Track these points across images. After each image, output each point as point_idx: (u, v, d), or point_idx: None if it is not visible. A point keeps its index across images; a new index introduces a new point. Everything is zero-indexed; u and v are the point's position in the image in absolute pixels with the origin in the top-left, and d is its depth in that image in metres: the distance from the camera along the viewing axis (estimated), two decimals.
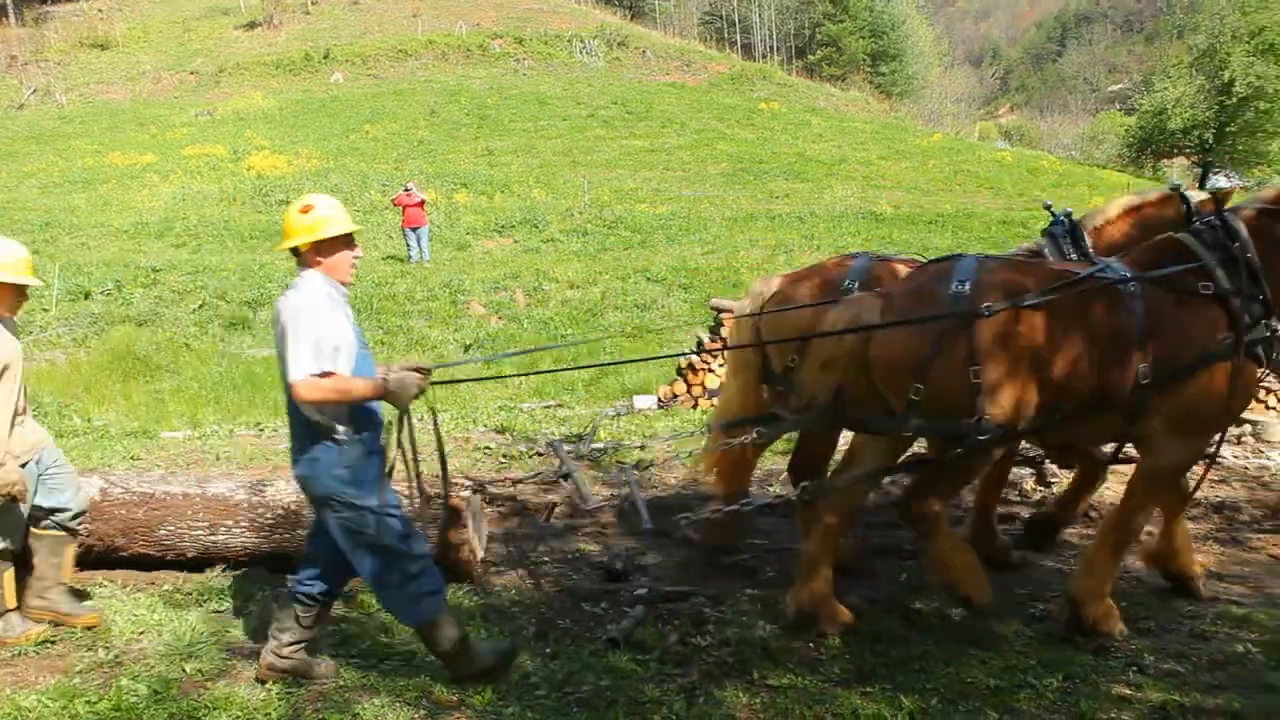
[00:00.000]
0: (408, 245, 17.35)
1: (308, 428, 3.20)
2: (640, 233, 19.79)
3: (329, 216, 3.29)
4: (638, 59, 52.55)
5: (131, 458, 7.02)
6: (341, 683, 3.56)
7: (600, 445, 6.97)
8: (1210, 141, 43.44)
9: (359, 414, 3.24)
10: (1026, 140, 68.22)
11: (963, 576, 3.96)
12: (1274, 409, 7.55)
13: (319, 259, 3.29)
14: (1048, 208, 4.89)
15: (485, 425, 8.13)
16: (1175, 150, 46.74)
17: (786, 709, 3.31)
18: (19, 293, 3.86)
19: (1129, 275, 3.73)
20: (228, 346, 12.75)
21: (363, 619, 4.19)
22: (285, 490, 4.76)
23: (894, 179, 30.86)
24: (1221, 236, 3.76)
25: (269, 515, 4.69)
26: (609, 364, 9.69)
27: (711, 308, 10.05)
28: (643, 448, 6.89)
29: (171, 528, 4.66)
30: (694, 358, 9.22)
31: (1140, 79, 58.43)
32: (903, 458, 4.24)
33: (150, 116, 37.79)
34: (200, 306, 14.02)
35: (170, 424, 8.88)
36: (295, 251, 3.29)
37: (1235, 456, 5.91)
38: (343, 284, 3.36)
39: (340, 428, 3.18)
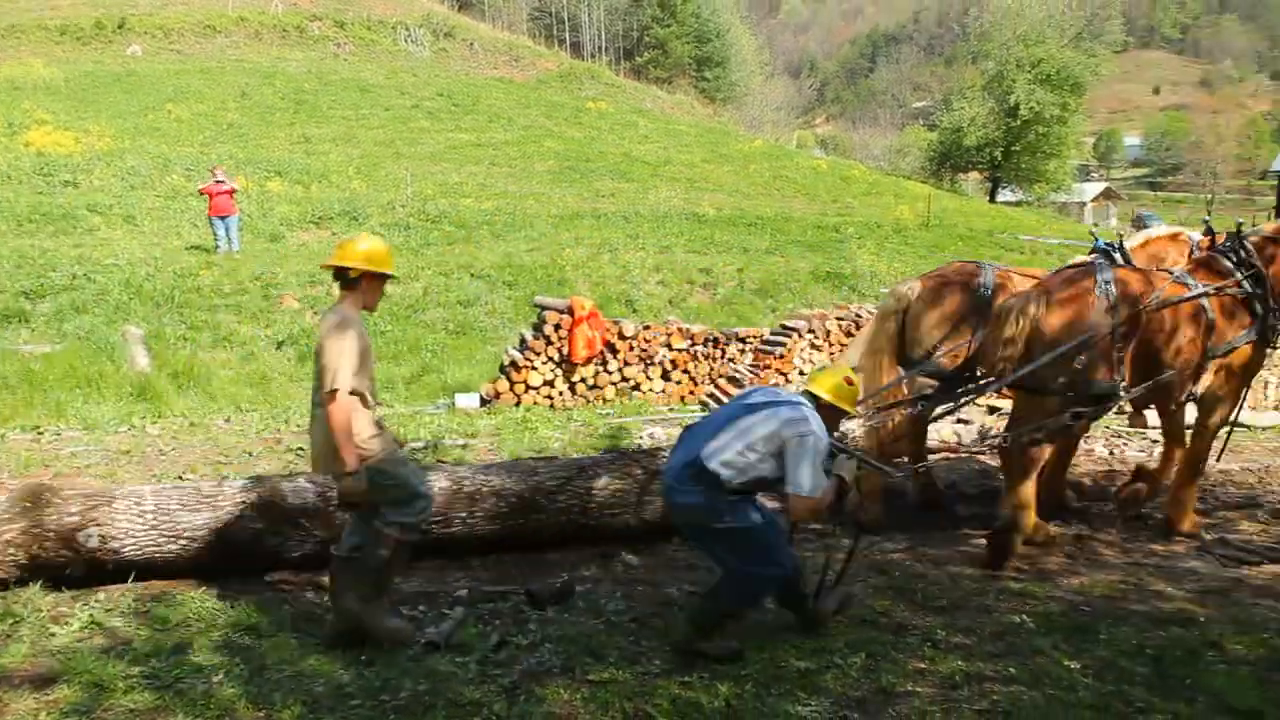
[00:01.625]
0: (215, 235, 16.22)
1: (715, 482, 3.63)
2: (464, 228, 19.41)
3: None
4: (465, 51, 51.72)
5: None
6: (133, 705, 3.30)
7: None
8: (999, 159, 47.59)
9: None
10: (840, 150, 72.30)
11: (1024, 515, 4.96)
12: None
13: (834, 413, 3.82)
14: (1092, 233, 6.64)
15: (298, 426, 7.74)
16: (970, 165, 50.93)
17: (607, 702, 3.34)
18: (381, 286, 3.84)
19: (1203, 283, 5.14)
20: None
21: (156, 634, 3.90)
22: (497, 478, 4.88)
23: (716, 182, 31.83)
24: (1246, 256, 5.26)
25: (503, 504, 4.81)
26: None
27: (535, 305, 10.00)
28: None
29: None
30: (517, 355, 9.15)
31: (941, 98, 63.00)
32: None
33: None
34: None
35: None
36: (814, 396, 3.80)
37: None
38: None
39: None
